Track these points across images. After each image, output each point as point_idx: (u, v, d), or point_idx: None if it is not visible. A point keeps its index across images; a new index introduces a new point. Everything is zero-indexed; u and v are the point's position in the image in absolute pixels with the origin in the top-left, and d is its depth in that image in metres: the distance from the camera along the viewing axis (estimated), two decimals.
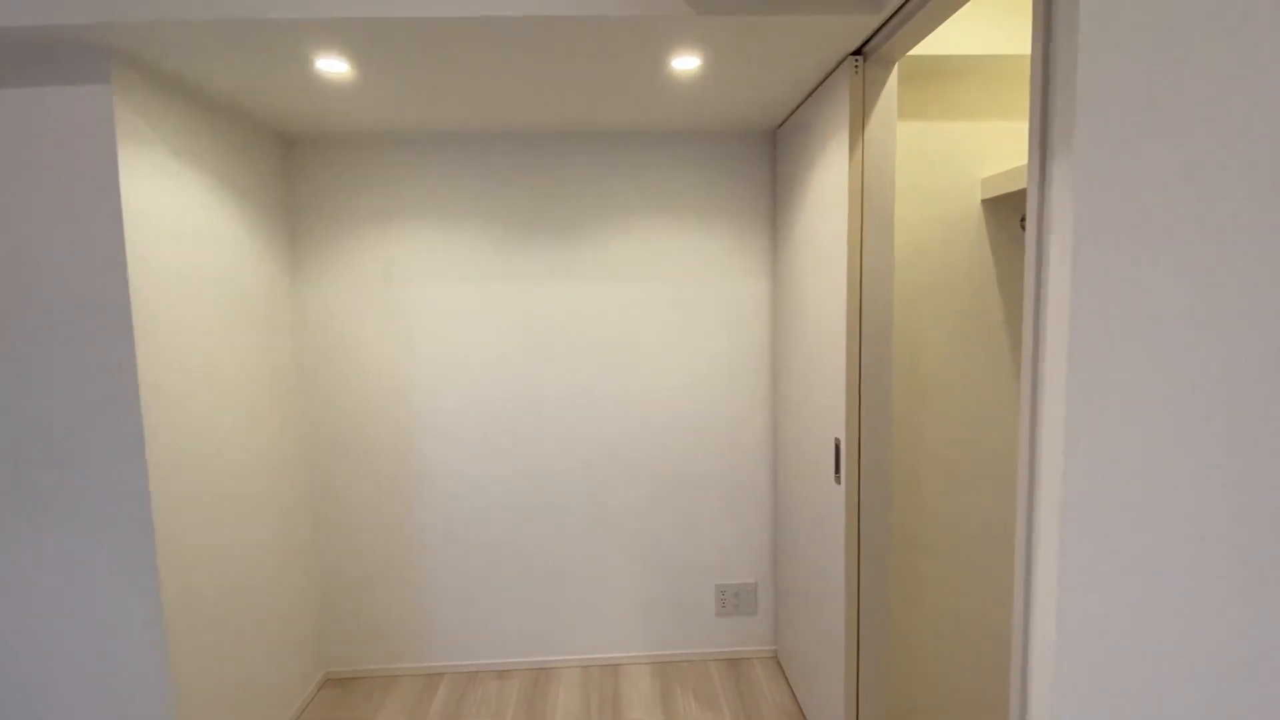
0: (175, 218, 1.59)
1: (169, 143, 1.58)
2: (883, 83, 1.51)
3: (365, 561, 2.30)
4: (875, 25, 1.35)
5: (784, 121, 2.09)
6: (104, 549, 1.49)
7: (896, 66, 1.51)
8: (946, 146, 1.81)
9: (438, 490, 2.28)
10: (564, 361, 2.26)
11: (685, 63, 1.56)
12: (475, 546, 2.30)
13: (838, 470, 1.68)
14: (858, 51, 1.50)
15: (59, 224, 1.42)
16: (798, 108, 1.94)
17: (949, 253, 1.85)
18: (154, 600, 1.50)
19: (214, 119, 1.76)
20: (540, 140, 2.18)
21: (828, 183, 1.69)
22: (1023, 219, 1.84)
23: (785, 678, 2.26)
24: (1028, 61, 1.49)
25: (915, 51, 1.67)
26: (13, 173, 1.41)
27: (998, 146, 1.81)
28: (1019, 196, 1.77)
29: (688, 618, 2.37)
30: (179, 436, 1.58)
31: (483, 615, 2.33)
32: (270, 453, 1.99)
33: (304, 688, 2.16)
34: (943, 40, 1.69)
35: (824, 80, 1.69)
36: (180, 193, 1.61)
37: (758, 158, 2.23)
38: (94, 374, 1.45)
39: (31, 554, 1.49)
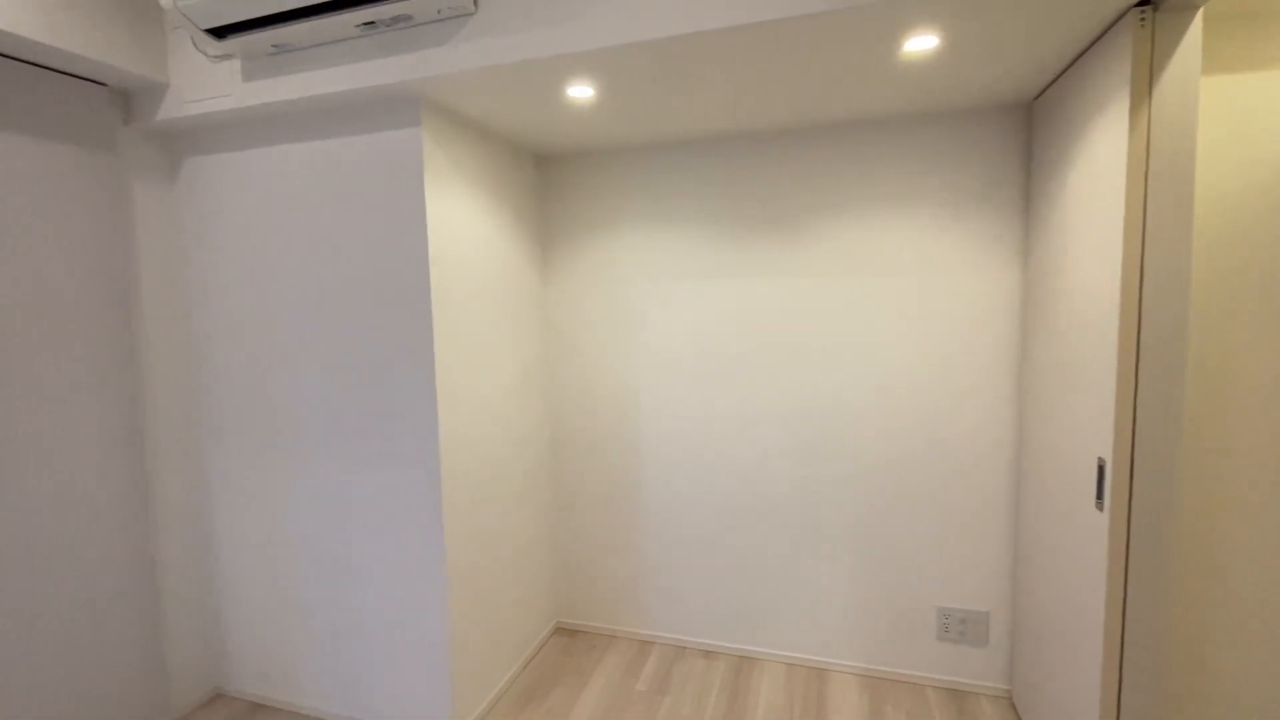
0: (461, 228, 1.96)
1: (457, 168, 1.94)
2: (1180, 33, 1.25)
3: (593, 528, 2.57)
4: None
5: (1042, 92, 1.83)
6: (411, 491, 1.91)
7: (1201, 10, 1.24)
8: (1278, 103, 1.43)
9: (658, 474, 2.45)
10: (781, 358, 2.26)
11: (922, 43, 1.46)
12: (691, 530, 2.43)
13: (1100, 495, 1.44)
14: (1145, 0, 1.26)
15: (388, 240, 1.84)
16: (1061, 75, 1.68)
17: None
18: (439, 536, 1.88)
19: (487, 145, 2.11)
20: (761, 139, 2.21)
21: (1099, 158, 1.45)
22: None
23: None
24: None
25: None
26: (358, 201, 1.86)
27: None
28: None
29: (904, 636, 2.22)
30: (459, 412, 1.94)
31: (695, 596, 2.45)
32: (520, 426, 2.34)
33: (539, 632, 2.50)
34: None
35: (1098, 39, 1.45)
36: (465, 208, 1.98)
37: (1006, 136, 1.98)
38: (407, 357, 1.86)
39: (373, 489, 1.97)
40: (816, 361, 2.22)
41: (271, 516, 2.10)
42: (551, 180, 2.48)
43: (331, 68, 1.68)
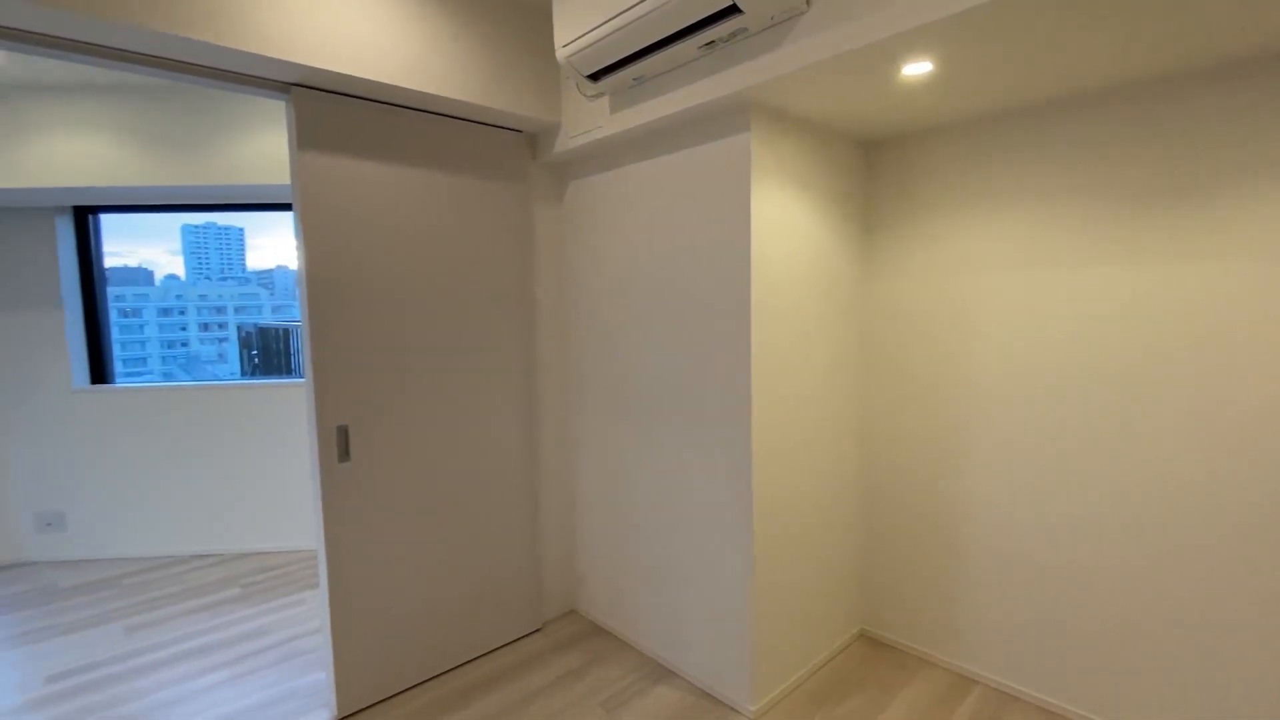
0: (783, 226, 2.02)
1: (782, 167, 2.00)
2: None
3: (909, 538, 2.39)
4: None
5: None
6: (725, 471, 2.07)
7: None
8: None
9: (991, 490, 2.16)
10: (1179, 365, 1.76)
11: None
12: (1030, 560, 2.08)
13: None
14: None
15: (716, 241, 2.02)
16: None
17: None
18: (748, 516, 2.00)
19: (811, 139, 2.12)
20: (1147, 89, 1.73)
21: None
22: None
23: None
24: None
25: None
26: (691, 207, 2.07)
27: None
28: None
29: None
30: (772, 401, 2.02)
31: (1032, 637, 2.09)
32: (833, 422, 2.31)
33: (840, 635, 2.44)
34: None
35: None
36: (785, 204, 2.03)
37: None
38: (726, 344, 2.01)
39: (695, 463, 2.20)
40: (1236, 372, 1.66)
41: (615, 473, 2.50)
42: (878, 165, 2.36)
43: (678, 90, 1.90)
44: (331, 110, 1.98)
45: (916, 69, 1.62)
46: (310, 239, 1.96)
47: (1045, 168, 1.96)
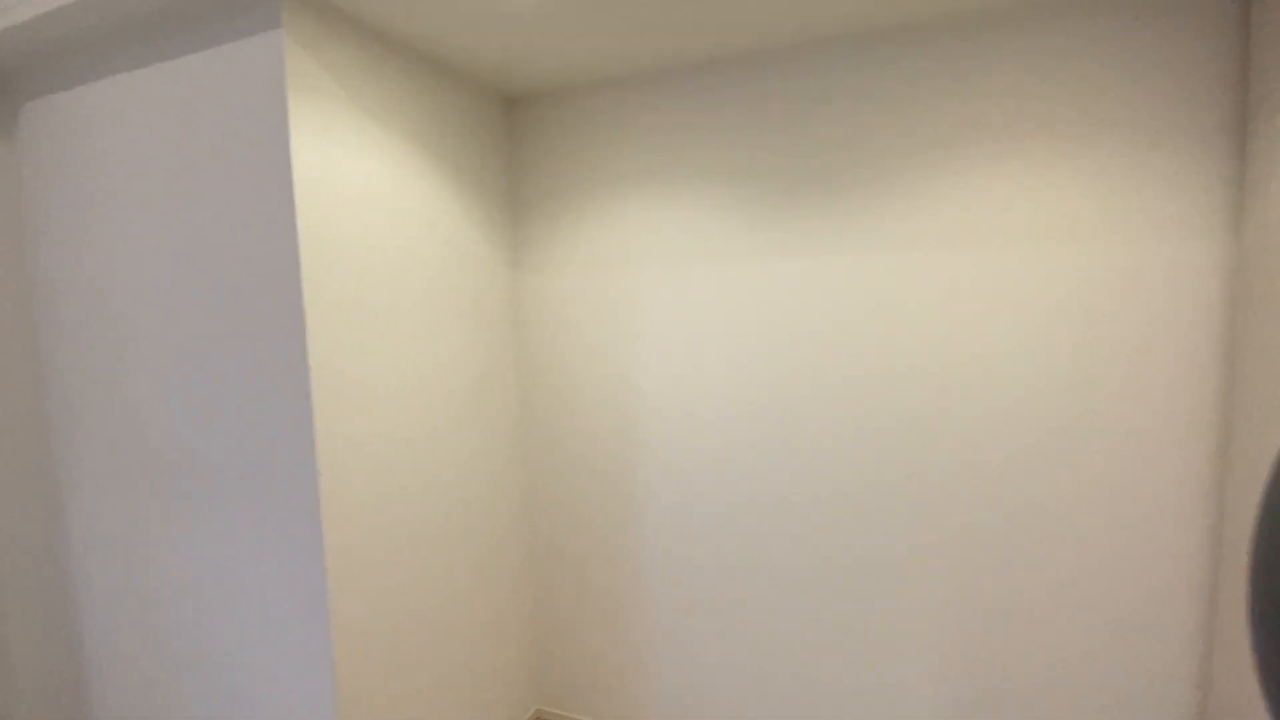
0: (358, 184, 1.36)
1: (350, 91, 1.34)
2: None
3: (581, 591, 1.92)
4: None
5: None
6: (280, 555, 1.33)
7: None
8: None
9: (662, 514, 1.79)
10: (848, 368, 1.56)
11: None
12: (705, 593, 1.75)
13: None
14: None
15: (227, 200, 1.27)
16: None
17: None
18: (324, 620, 1.29)
19: (409, 71, 1.50)
20: (818, 53, 1.50)
21: None
22: None
23: None
24: None
25: None
26: (184, 152, 1.29)
27: None
28: None
29: None
30: (360, 440, 1.35)
31: (714, 680, 1.77)
32: (477, 459, 1.73)
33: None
34: None
35: None
36: (364, 153, 1.37)
37: (1204, 34, 1.22)
38: (267, 371, 1.28)
39: (244, 545, 1.41)
40: (900, 375, 1.50)
41: (129, 559, 1.57)
42: (526, 128, 1.85)
43: None
44: None
45: None
46: None
47: (714, 142, 1.63)
